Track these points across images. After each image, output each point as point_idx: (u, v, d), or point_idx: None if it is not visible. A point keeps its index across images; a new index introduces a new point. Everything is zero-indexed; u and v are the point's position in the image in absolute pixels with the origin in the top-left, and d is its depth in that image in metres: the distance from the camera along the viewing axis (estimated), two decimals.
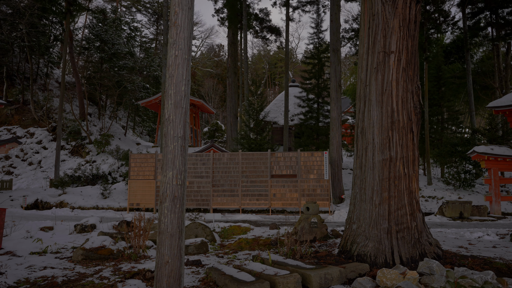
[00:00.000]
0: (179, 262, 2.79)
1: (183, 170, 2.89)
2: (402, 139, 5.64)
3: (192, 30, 2.98)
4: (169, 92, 2.90)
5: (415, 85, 5.87)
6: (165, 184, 2.86)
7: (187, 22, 2.92)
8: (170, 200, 2.82)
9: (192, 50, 54.74)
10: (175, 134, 2.87)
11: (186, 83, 2.92)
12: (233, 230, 8.13)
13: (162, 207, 2.86)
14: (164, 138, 2.91)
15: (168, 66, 2.93)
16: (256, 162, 14.22)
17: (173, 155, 2.85)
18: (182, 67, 2.90)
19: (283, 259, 5.28)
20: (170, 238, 2.77)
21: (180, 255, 2.81)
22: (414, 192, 5.68)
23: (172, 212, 2.81)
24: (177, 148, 2.86)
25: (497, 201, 12.94)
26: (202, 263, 5.99)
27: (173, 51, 2.91)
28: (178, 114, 2.88)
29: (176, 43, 2.91)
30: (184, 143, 2.91)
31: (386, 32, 5.84)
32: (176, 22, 2.90)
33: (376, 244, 5.41)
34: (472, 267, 5.16)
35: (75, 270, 5.75)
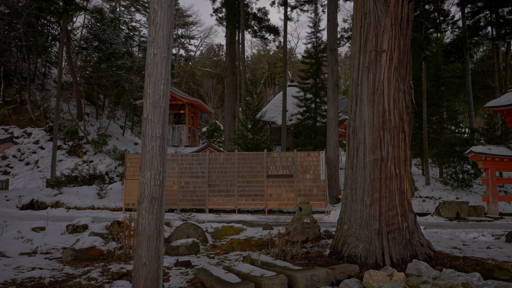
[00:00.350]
0: (157, 264, 2.73)
1: (161, 170, 2.84)
2: (393, 139, 5.58)
3: (172, 28, 2.93)
4: (147, 91, 2.84)
5: (407, 84, 5.81)
6: (143, 185, 2.81)
7: (166, 20, 2.87)
8: (148, 201, 2.77)
9: (191, 50, 54.67)
10: (153, 134, 2.81)
11: (165, 82, 2.86)
12: (226, 231, 8.08)
13: (139, 208, 2.80)
14: (143, 138, 2.86)
15: (146, 65, 2.88)
16: (252, 162, 14.16)
17: (151, 155, 2.80)
18: (161, 65, 2.84)
19: (272, 260, 5.23)
20: (147, 239, 2.72)
21: (158, 257, 2.75)
22: (405, 193, 5.62)
23: (150, 213, 2.75)
24: (156, 148, 2.81)
25: (494, 202, 12.88)
26: (192, 264, 5.94)
27: (152, 50, 2.86)
28: (156, 114, 2.83)
29: (155, 42, 2.85)
30: (162, 143, 2.85)
31: (378, 30, 5.78)
32: (155, 20, 2.85)
33: (366, 245, 5.35)
34: (463, 268, 5.10)
35: (63, 271, 5.70)
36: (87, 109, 26.98)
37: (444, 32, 32.12)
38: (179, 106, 26.82)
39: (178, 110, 27.18)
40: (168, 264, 5.96)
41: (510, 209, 14.65)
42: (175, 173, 14.51)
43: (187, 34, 50.28)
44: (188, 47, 52.70)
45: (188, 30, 50.06)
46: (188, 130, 26.19)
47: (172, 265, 5.88)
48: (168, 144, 25.90)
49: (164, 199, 2.93)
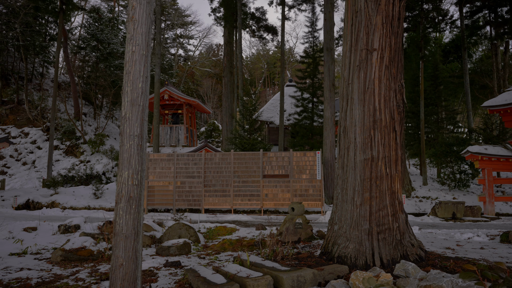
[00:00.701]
0: (134, 265, 2.69)
1: (139, 169, 2.79)
2: (384, 139, 5.53)
3: (152, 25, 2.88)
4: (125, 89, 2.80)
5: (398, 83, 5.76)
6: (121, 184, 2.76)
7: (145, 16, 2.82)
8: (126, 200, 2.72)
9: (190, 50, 54.63)
10: (131, 133, 2.77)
11: (143, 80, 2.82)
12: (218, 231, 8.03)
13: (117, 208, 2.76)
14: (121, 136, 2.82)
15: (125, 63, 2.83)
16: (248, 162, 14.11)
17: (129, 154, 2.75)
18: (140, 63, 2.80)
19: (261, 261, 5.18)
20: (124, 240, 2.67)
21: (135, 258, 2.71)
22: (396, 193, 5.57)
23: (127, 213, 2.71)
24: (133, 147, 2.77)
25: (491, 202, 12.83)
26: (181, 264, 5.89)
27: (130, 47, 2.81)
28: (134, 112, 2.78)
29: (134, 39, 2.81)
30: (141, 141, 2.81)
31: (369, 29, 5.73)
32: (133, 17, 2.80)
33: (356, 245, 5.31)
34: (453, 269, 5.05)
35: (52, 271, 5.65)
36: (85, 109, 26.94)
37: (443, 32, 32.09)
38: (176, 106, 26.79)
39: (176, 110, 27.15)
40: (158, 264, 5.92)
41: (507, 209, 14.60)
42: (171, 173, 14.47)
43: (186, 34, 50.25)
44: (187, 47, 52.70)
45: (187, 30, 50.04)
46: (186, 130, 26.15)
47: (161, 266, 5.83)
48: (166, 144, 25.85)
49: (143, 199, 2.88)
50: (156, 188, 14.44)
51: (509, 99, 12.97)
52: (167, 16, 47.03)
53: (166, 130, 26.12)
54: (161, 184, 14.45)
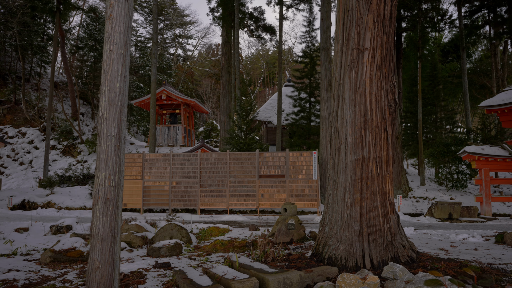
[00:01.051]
0: (111, 268, 2.64)
1: (117, 170, 2.74)
2: (375, 139, 5.47)
3: (130, 24, 2.83)
4: (103, 89, 2.74)
5: (390, 83, 5.70)
6: (98, 186, 2.71)
7: (123, 15, 2.77)
8: (102, 202, 2.67)
9: (189, 50, 54.56)
10: (108, 133, 2.72)
11: (121, 79, 2.77)
12: (211, 232, 7.98)
13: (94, 210, 2.71)
14: (98, 137, 2.77)
15: (103, 62, 2.78)
16: (244, 162, 14.05)
17: (106, 155, 2.70)
18: (118, 62, 2.74)
19: (250, 262, 5.12)
20: (101, 242, 2.62)
21: (112, 261, 2.65)
22: (387, 194, 5.52)
23: (104, 215, 2.66)
24: (111, 147, 2.71)
25: (488, 202, 12.76)
26: (171, 266, 5.83)
27: (108, 46, 2.76)
28: (112, 112, 2.73)
29: (111, 37, 2.75)
30: (118, 142, 2.76)
31: (360, 28, 5.67)
32: (111, 15, 2.75)
33: (347, 247, 5.26)
34: (444, 270, 5.00)
35: (40, 273, 5.60)
36: (83, 109, 26.89)
37: (442, 32, 32.02)
38: (174, 106, 26.74)
39: (174, 110, 27.09)
40: (147, 265, 5.86)
41: (504, 209, 14.54)
42: (167, 173, 14.42)
43: (184, 34, 50.18)
44: (186, 46, 52.66)
45: (185, 30, 49.98)
46: (183, 130, 26.09)
47: (150, 267, 5.78)
48: (164, 144, 25.80)
49: (121, 200, 2.83)
50: (152, 188, 14.39)
51: (506, 99, 12.91)
52: (166, 16, 47.00)
53: (164, 130, 26.06)
54: (156, 184, 14.39)
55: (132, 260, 6.27)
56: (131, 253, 6.72)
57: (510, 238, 7.55)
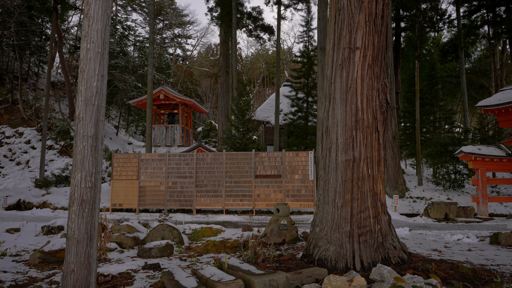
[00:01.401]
0: (86, 271, 2.58)
1: (94, 171, 2.69)
2: (366, 139, 5.42)
3: (108, 22, 2.78)
4: (80, 88, 2.69)
5: (381, 82, 5.65)
6: (74, 187, 2.65)
7: (101, 13, 2.72)
8: (78, 203, 2.62)
9: (188, 50, 54.49)
10: (84, 133, 2.66)
11: (99, 78, 2.71)
12: (204, 232, 7.92)
13: (70, 211, 2.65)
14: (75, 137, 2.71)
15: (80, 60, 2.73)
16: (240, 162, 14.00)
17: (83, 155, 2.65)
18: (95, 61, 2.69)
19: (239, 264, 5.07)
20: (76, 244, 2.57)
21: (88, 263, 2.60)
22: (379, 194, 5.46)
23: (80, 217, 2.60)
24: (87, 148, 2.66)
25: (484, 202, 12.70)
26: (160, 267, 5.78)
27: (85, 44, 2.70)
28: (88, 112, 2.67)
29: (88, 36, 2.70)
30: (95, 142, 2.70)
31: (352, 27, 5.62)
32: (88, 13, 2.70)
33: (337, 248, 5.20)
34: (435, 272, 4.95)
35: (27, 274, 5.55)
36: None
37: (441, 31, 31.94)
38: (172, 105, 26.68)
39: (172, 109, 27.04)
40: (137, 267, 5.81)
41: (501, 210, 14.48)
42: (163, 173, 14.36)
43: (183, 34, 50.12)
44: (185, 46, 52.58)
45: (184, 30, 49.91)
46: (181, 130, 26.04)
47: (140, 268, 5.73)
48: (161, 144, 25.74)
49: (98, 202, 2.77)
50: (148, 189, 14.34)
51: (504, 99, 12.85)
52: (165, 16, 46.93)
53: (162, 130, 26.01)
54: (152, 184, 14.34)
55: (122, 261, 6.21)
56: (121, 254, 6.67)
57: (505, 238, 7.50)
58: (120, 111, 30.59)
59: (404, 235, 8.91)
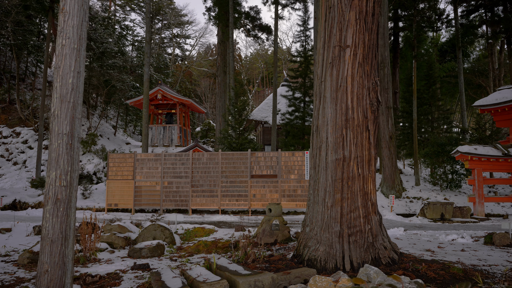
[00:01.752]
0: (61, 271, 2.53)
1: (69, 170, 2.64)
2: (356, 138, 5.36)
3: (85, 17, 2.73)
4: (55, 85, 2.64)
5: (372, 81, 5.59)
6: (48, 186, 2.60)
7: (77, 8, 2.67)
8: (53, 203, 2.57)
9: (187, 50, 54.42)
10: (59, 131, 2.61)
11: (75, 75, 2.66)
12: (196, 232, 7.87)
13: (44, 211, 2.60)
14: (50, 135, 2.66)
15: (55, 57, 2.68)
16: (236, 162, 13.94)
17: (57, 153, 2.60)
18: (70, 57, 2.64)
19: (228, 264, 5.01)
20: (50, 244, 2.52)
21: (63, 264, 2.55)
22: (369, 194, 5.41)
23: (54, 216, 2.56)
24: (62, 146, 2.61)
25: (481, 202, 12.64)
26: (150, 267, 5.73)
27: (60, 40, 2.66)
28: (64, 109, 2.63)
29: (64, 31, 2.65)
30: (71, 140, 2.65)
31: (342, 25, 5.57)
32: (64, 9, 2.65)
33: (327, 248, 5.15)
34: (425, 272, 4.91)
35: (15, 274, 5.49)
36: None
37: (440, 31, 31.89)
38: (170, 105, 26.64)
39: (170, 109, 26.99)
40: (125, 267, 5.76)
41: (498, 210, 14.42)
42: (158, 173, 14.31)
43: (182, 34, 50.07)
44: (183, 46, 52.49)
45: (183, 30, 49.86)
46: (179, 130, 25.99)
47: (128, 269, 5.68)
48: (159, 144, 25.69)
49: (75, 201, 2.72)
50: (143, 189, 14.28)
51: (500, 98, 12.81)
52: (163, 15, 46.87)
53: (160, 130, 25.96)
54: (148, 184, 14.28)
55: (111, 261, 6.16)
56: (112, 254, 6.62)
57: (499, 239, 7.45)
58: (118, 111, 30.55)
59: (399, 235, 8.86)
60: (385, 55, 16.04)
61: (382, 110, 15.70)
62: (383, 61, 16.02)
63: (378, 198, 15.64)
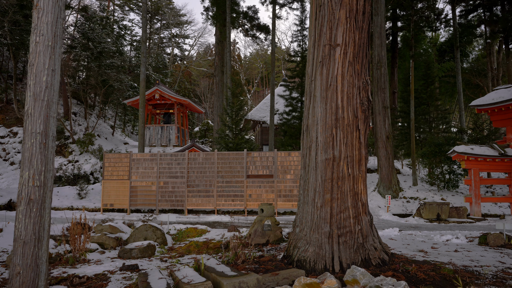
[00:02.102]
0: (34, 273, 2.48)
1: (43, 170, 2.58)
2: (346, 138, 5.31)
3: (60, 14, 2.68)
4: (29, 83, 2.59)
5: (362, 80, 5.54)
6: (21, 186, 2.55)
7: (51, 5, 2.62)
8: (25, 203, 2.52)
9: (186, 50, 54.36)
10: (33, 130, 2.56)
11: (49, 73, 2.61)
12: (188, 233, 7.82)
13: (17, 211, 2.55)
14: (23, 134, 2.61)
15: (29, 54, 2.63)
16: (232, 162, 13.89)
17: (31, 153, 2.55)
18: (44, 55, 2.59)
19: (216, 265, 4.96)
20: (23, 246, 2.47)
21: (36, 265, 2.50)
22: (359, 194, 5.35)
23: (27, 217, 2.51)
24: (36, 145, 2.56)
25: (477, 203, 12.58)
26: (139, 268, 5.67)
27: (34, 37, 2.61)
28: (37, 108, 2.58)
29: (38, 28, 2.60)
30: (45, 139, 2.60)
31: (332, 23, 5.51)
32: (37, 5, 2.60)
33: (316, 249, 5.09)
34: (415, 273, 4.85)
35: (2, 275, 5.44)
36: (76, 109, 26.74)
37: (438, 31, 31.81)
38: (168, 105, 26.59)
39: (167, 109, 26.94)
40: (114, 268, 5.70)
41: (496, 210, 14.35)
42: (154, 173, 14.26)
43: (181, 34, 50.03)
44: (182, 46, 52.45)
45: (182, 30, 49.82)
46: (177, 130, 25.94)
47: (117, 269, 5.62)
48: (157, 144, 25.64)
49: (49, 201, 2.67)
50: (139, 189, 14.23)
51: (496, 98, 12.75)
52: (162, 15, 46.84)
53: (157, 130, 25.91)
54: (144, 184, 14.23)
55: (100, 262, 6.11)
56: (102, 255, 6.57)
57: (493, 239, 7.39)
58: (117, 110, 30.50)
59: (393, 235, 8.80)
60: (382, 54, 15.98)
61: (379, 110, 15.64)
62: (380, 60, 15.96)
63: (375, 198, 15.57)
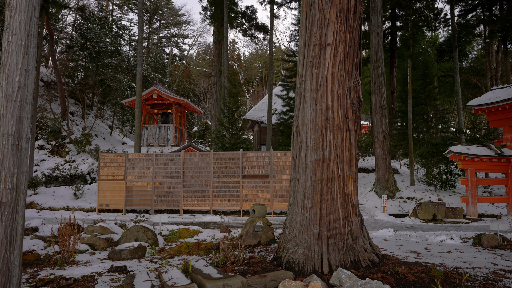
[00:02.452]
0: (4, 278, 2.43)
1: (15, 172, 2.53)
2: (336, 138, 5.25)
3: (34, 13, 2.62)
4: (1, 83, 2.54)
5: (353, 80, 5.48)
6: None
7: (24, 3, 2.56)
8: None
9: (185, 49, 54.28)
10: (5, 131, 2.51)
11: (22, 73, 2.56)
12: (180, 233, 7.77)
13: None
14: None
15: (2, 54, 2.57)
16: (228, 162, 13.83)
17: (3, 155, 2.49)
18: (17, 54, 2.54)
19: (204, 266, 4.91)
20: None
21: (7, 270, 2.44)
22: (349, 195, 5.29)
23: None
24: (7, 147, 2.51)
25: (474, 203, 12.52)
26: (127, 269, 5.62)
27: (7, 37, 2.55)
28: (10, 109, 2.52)
29: (10, 27, 2.55)
30: (18, 141, 2.55)
31: (323, 23, 5.45)
32: (10, 3, 2.55)
33: (305, 250, 5.04)
34: (404, 275, 4.80)
35: None
36: (73, 108, 26.70)
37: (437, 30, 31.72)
38: (166, 105, 26.54)
39: (165, 109, 26.89)
40: (103, 269, 5.65)
41: (493, 210, 14.29)
42: (150, 173, 14.20)
43: (180, 33, 49.98)
44: (181, 46, 52.40)
45: (181, 29, 49.76)
46: (175, 129, 25.89)
47: (105, 271, 5.57)
48: (154, 144, 25.59)
49: (23, 204, 2.62)
50: (135, 189, 14.18)
51: (493, 98, 12.68)
52: (161, 15, 46.79)
53: (155, 129, 25.87)
54: (139, 184, 14.18)
55: (90, 263, 6.06)
56: (91, 256, 6.52)
57: (487, 240, 7.34)
58: (115, 110, 30.45)
59: (388, 236, 8.74)
60: (379, 54, 15.92)
61: (376, 109, 15.58)
62: (377, 60, 15.90)
63: (371, 198, 15.51)
